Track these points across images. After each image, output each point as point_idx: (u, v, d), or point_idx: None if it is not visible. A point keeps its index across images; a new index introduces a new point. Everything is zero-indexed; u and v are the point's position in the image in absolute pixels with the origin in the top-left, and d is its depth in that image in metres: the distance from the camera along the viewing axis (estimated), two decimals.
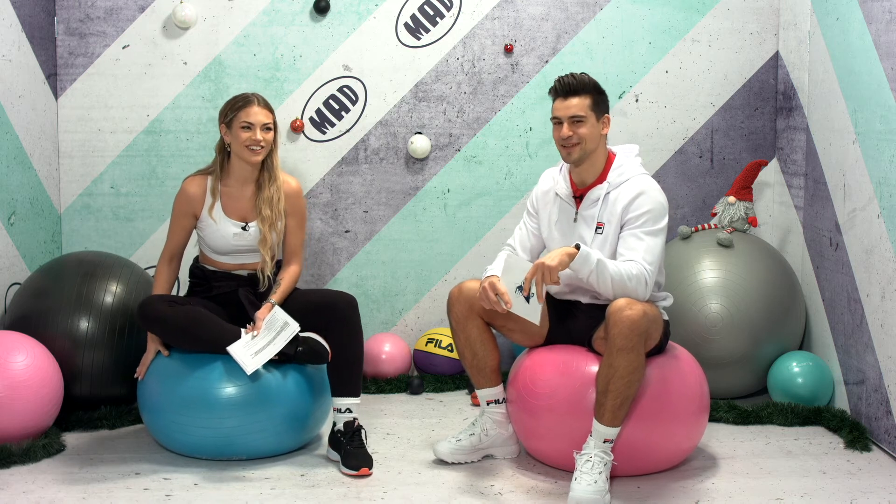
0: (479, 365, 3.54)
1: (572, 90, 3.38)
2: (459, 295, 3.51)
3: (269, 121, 3.64)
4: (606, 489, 3.18)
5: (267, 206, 3.66)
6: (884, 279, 3.67)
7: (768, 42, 4.72)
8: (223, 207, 3.68)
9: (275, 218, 3.67)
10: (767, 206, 4.75)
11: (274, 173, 3.70)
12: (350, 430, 3.51)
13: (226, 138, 3.67)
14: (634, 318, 3.16)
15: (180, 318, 3.49)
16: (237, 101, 3.66)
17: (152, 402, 3.57)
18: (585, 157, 3.40)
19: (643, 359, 3.22)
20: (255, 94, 3.68)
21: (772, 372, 4.19)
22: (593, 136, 3.39)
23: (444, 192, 4.70)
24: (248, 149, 3.61)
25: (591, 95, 3.39)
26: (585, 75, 3.42)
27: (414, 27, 4.63)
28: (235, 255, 3.71)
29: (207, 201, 3.68)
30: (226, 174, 3.71)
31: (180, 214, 3.71)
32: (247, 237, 3.67)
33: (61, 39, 4.52)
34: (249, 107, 3.62)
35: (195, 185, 3.70)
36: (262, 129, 3.62)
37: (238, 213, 3.69)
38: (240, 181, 3.70)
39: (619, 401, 3.19)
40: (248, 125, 3.60)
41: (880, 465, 3.56)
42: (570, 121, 3.37)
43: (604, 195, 3.40)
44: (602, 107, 3.42)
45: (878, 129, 3.70)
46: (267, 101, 3.69)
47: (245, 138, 3.60)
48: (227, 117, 3.65)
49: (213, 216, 3.67)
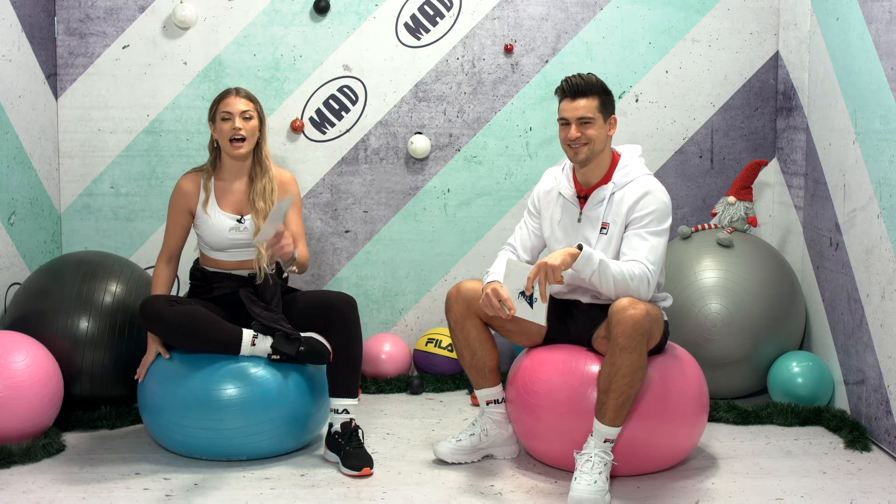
0: (478, 365, 3.54)
1: (580, 91, 3.37)
2: (458, 295, 3.51)
3: (247, 108, 3.65)
4: (606, 489, 3.18)
5: (260, 198, 3.68)
6: (884, 279, 3.67)
7: (768, 42, 4.72)
8: (218, 202, 3.70)
9: (268, 209, 3.67)
10: (767, 206, 4.75)
11: (265, 164, 3.72)
12: (347, 431, 3.52)
13: (214, 135, 3.71)
14: (637, 318, 3.17)
15: (181, 318, 3.49)
16: (218, 95, 3.72)
17: (153, 403, 3.56)
18: (593, 157, 3.41)
19: (645, 358, 3.23)
20: (237, 88, 3.71)
21: (772, 372, 4.19)
22: (601, 137, 3.39)
23: (444, 192, 4.70)
24: (231, 142, 3.64)
25: (599, 96, 3.39)
26: (593, 76, 3.41)
27: (414, 27, 4.63)
28: (233, 252, 3.71)
29: (202, 197, 3.70)
30: (218, 170, 3.73)
31: (177, 212, 3.72)
32: (243, 231, 3.68)
33: (61, 39, 4.52)
34: (227, 97, 3.67)
35: (189, 182, 3.73)
36: (242, 118, 3.63)
37: (233, 207, 3.70)
38: (232, 175, 3.72)
39: (620, 400, 3.19)
40: (227, 115, 3.63)
41: (880, 465, 3.56)
42: (577, 122, 3.37)
43: (609, 195, 3.40)
44: (609, 108, 3.42)
45: (878, 129, 3.70)
46: (249, 93, 3.71)
47: (226, 129, 3.63)
48: (211, 112, 3.70)
49: (207, 211, 3.68)
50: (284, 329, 3.55)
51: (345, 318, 3.57)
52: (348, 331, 3.57)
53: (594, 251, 3.26)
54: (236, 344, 3.50)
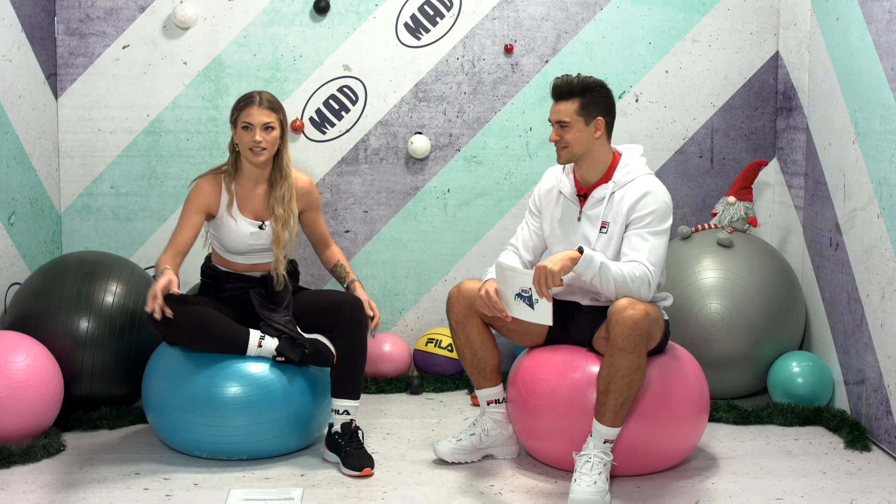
0: (480, 365, 3.54)
1: (561, 94, 3.38)
2: (459, 295, 3.51)
3: (270, 120, 3.59)
4: (606, 489, 3.18)
5: (279, 204, 3.64)
6: (884, 279, 3.67)
7: (768, 42, 4.72)
8: (238, 206, 3.66)
9: (287, 216, 3.65)
10: (767, 206, 4.75)
11: (285, 171, 3.66)
12: (348, 432, 3.52)
13: (234, 137, 3.66)
14: (637, 318, 3.16)
15: (190, 318, 3.47)
16: (241, 100, 3.64)
17: (157, 399, 3.57)
18: (573, 159, 3.42)
19: (644, 359, 3.23)
20: (260, 93, 3.63)
21: (772, 372, 4.19)
22: (580, 140, 3.37)
23: (444, 192, 4.70)
24: (251, 150, 3.60)
25: (579, 99, 3.36)
26: (578, 77, 3.38)
27: (414, 27, 4.63)
28: (250, 256, 3.69)
29: (224, 199, 3.65)
30: (238, 173, 3.68)
31: (194, 210, 3.61)
32: (262, 236, 3.66)
33: (61, 39, 4.52)
34: (250, 107, 3.59)
35: (210, 183, 3.65)
36: (262, 130, 3.57)
37: (252, 212, 3.67)
38: (251, 180, 3.68)
39: (620, 401, 3.19)
40: (248, 125, 3.58)
41: (880, 465, 3.56)
42: (557, 125, 3.39)
43: (609, 194, 3.40)
44: (593, 110, 3.37)
45: (878, 129, 3.70)
46: (273, 100, 3.64)
47: (246, 140, 3.58)
48: (233, 116, 3.65)
49: (232, 214, 3.63)
50: (291, 333, 3.54)
51: (350, 320, 3.57)
52: (353, 333, 3.57)
53: (595, 253, 3.25)
54: (243, 345, 3.50)
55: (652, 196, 3.36)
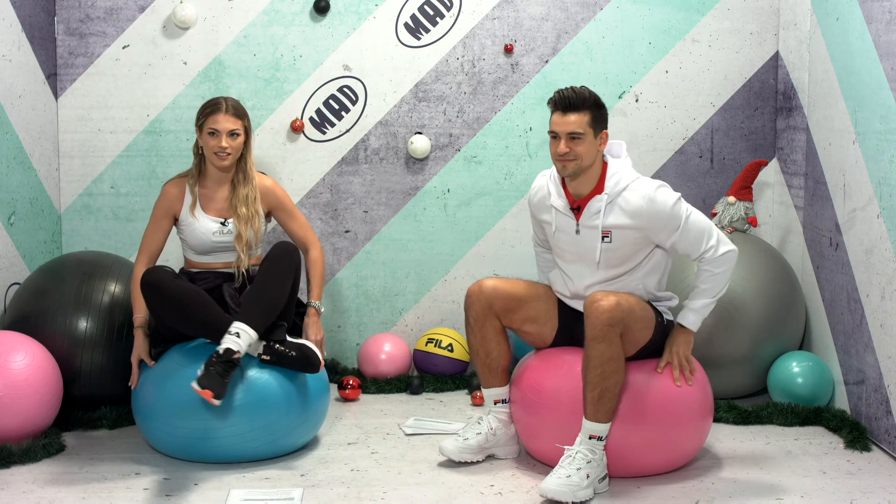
0: (492, 364, 3.54)
1: (572, 105, 3.30)
2: (480, 293, 3.50)
3: (235, 127, 3.69)
4: (583, 486, 3.15)
5: (242, 204, 3.74)
6: (884, 279, 3.67)
7: (768, 42, 4.72)
8: (202, 206, 3.75)
9: (251, 215, 3.74)
10: (767, 206, 4.75)
11: (248, 173, 3.77)
12: (227, 359, 3.36)
13: (199, 141, 3.75)
14: (607, 308, 3.18)
15: (181, 293, 3.49)
16: (207, 106, 3.73)
17: (146, 406, 3.56)
18: (581, 172, 3.35)
19: (618, 349, 3.21)
20: (226, 99, 3.73)
21: (772, 372, 4.19)
22: (590, 152, 3.33)
23: (444, 192, 4.70)
24: (216, 154, 3.70)
25: (591, 111, 3.31)
26: (585, 89, 3.34)
27: (414, 27, 4.63)
28: (216, 255, 3.76)
29: (187, 200, 3.75)
30: (203, 176, 3.79)
31: (160, 216, 3.77)
32: (227, 234, 3.73)
33: (61, 39, 4.52)
34: (216, 113, 3.69)
35: (175, 187, 3.79)
36: (228, 136, 3.68)
37: (216, 212, 3.77)
38: (215, 182, 3.79)
39: (596, 393, 3.19)
40: (214, 131, 3.68)
41: (880, 465, 3.56)
42: (567, 137, 3.30)
43: (605, 205, 3.36)
44: (601, 122, 3.34)
45: (878, 129, 3.70)
46: (239, 106, 3.74)
47: (212, 145, 3.69)
48: (199, 121, 3.74)
49: (194, 214, 3.73)
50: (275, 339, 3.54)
51: (269, 257, 3.59)
52: (269, 266, 3.57)
53: (689, 309, 3.43)
54: (222, 331, 3.44)
55: (658, 202, 3.31)
